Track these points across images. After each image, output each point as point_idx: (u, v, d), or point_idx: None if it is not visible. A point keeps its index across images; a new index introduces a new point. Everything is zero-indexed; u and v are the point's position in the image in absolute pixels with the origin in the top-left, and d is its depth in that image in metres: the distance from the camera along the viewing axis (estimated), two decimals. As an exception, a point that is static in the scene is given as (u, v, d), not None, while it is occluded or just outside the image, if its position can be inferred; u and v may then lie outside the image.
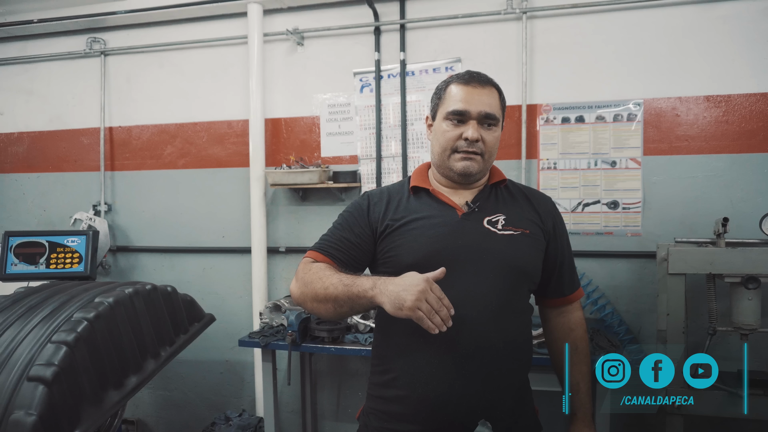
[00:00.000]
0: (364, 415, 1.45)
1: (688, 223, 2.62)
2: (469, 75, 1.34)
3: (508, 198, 1.40)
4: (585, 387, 1.36)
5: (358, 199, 1.46)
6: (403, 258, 1.30)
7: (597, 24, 2.72)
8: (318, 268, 1.29)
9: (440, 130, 1.34)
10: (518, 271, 1.32)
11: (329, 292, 1.21)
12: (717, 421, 2.63)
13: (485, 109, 1.29)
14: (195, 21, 3.24)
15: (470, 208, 1.35)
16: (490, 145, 1.32)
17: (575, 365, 1.37)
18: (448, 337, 1.24)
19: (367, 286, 1.15)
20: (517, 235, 1.33)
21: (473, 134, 1.27)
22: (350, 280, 1.20)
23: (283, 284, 3.18)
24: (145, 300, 2.18)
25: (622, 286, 2.73)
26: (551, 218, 1.41)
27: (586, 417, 1.32)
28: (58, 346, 1.75)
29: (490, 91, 1.32)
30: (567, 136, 2.77)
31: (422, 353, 1.28)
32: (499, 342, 1.28)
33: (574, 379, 1.36)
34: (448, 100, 1.33)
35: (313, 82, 3.11)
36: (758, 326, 2.29)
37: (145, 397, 3.46)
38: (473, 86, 1.31)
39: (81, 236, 2.94)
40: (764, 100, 2.54)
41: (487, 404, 1.26)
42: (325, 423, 3.20)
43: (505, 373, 1.31)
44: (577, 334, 1.41)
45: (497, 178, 1.42)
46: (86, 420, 1.80)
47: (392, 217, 1.36)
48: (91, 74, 3.42)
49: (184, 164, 3.32)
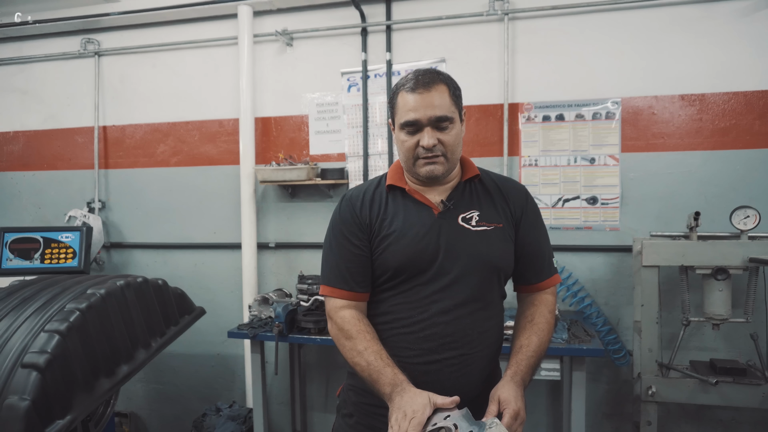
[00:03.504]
0: (344, 391, 1.53)
1: (664, 218, 2.71)
2: (414, 80, 1.32)
3: (482, 192, 1.45)
4: (526, 352, 1.34)
5: (341, 209, 1.44)
6: (388, 262, 1.36)
7: (576, 25, 2.80)
8: (349, 326, 1.35)
9: (399, 140, 1.37)
10: (491, 266, 1.38)
11: (356, 369, 1.33)
12: (690, 408, 2.72)
13: (435, 114, 1.30)
14: (187, 22, 3.31)
15: (445, 206, 1.39)
16: (450, 145, 1.33)
17: (525, 332, 1.39)
18: (427, 327, 1.34)
19: (386, 390, 1.25)
20: (491, 230, 1.39)
21: (428, 141, 1.30)
22: (376, 373, 1.27)
23: (273, 279, 3.25)
24: (137, 292, 2.25)
25: (601, 279, 2.81)
26: (521, 208, 1.45)
27: (516, 375, 1.29)
28: (51, 334, 1.82)
29: (439, 92, 1.31)
30: (548, 133, 2.85)
31: (402, 338, 1.36)
32: (473, 331, 1.36)
33: (519, 342, 1.38)
34: (400, 110, 1.35)
35: (302, 82, 3.19)
36: (729, 316, 2.38)
37: (138, 391, 3.53)
38: (420, 92, 1.30)
39: (75, 232, 3.01)
40: (736, 99, 2.63)
41: (460, 387, 1.33)
42: (314, 414, 3.27)
43: (477, 359, 1.38)
44: (538, 310, 1.43)
45: (470, 173, 1.45)
46: (78, 406, 1.87)
47: (375, 218, 1.40)
48: (85, 74, 3.50)
49: (176, 162, 3.39)
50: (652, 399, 2.38)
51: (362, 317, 1.38)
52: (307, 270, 3.04)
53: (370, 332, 1.34)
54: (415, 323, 1.35)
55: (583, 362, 2.30)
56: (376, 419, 1.39)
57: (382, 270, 1.38)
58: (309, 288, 2.81)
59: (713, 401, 2.36)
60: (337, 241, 1.42)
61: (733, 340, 2.65)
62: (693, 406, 2.70)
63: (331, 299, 1.41)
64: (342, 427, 1.51)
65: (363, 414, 1.44)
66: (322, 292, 1.44)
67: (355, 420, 1.46)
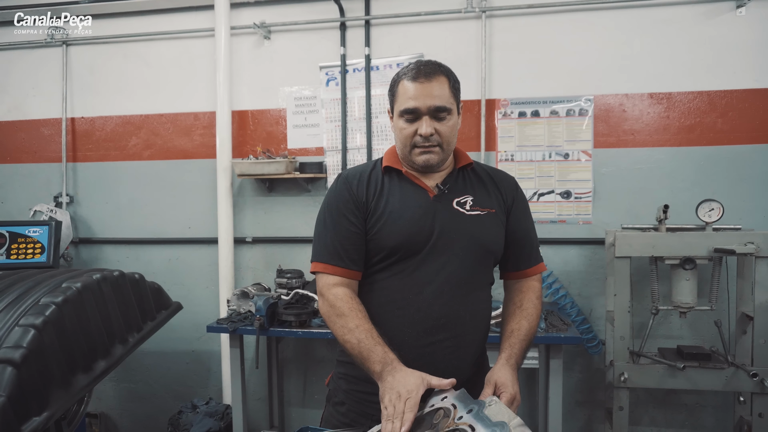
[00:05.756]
0: (333, 380, 1.53)
1: (634, 211, 2.81)
2: (416, 69, 1.36)
3: (474, 180, 1.50)
4: (518, 336, 1.38)
5: (337, 186, 1.45)
6: (384, 241, 1.38)
7: (551, 24, 2.88)
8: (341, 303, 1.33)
9: (398, 128, 1.41)
10: (484, 249, 1.43)
11: (346, 347, 1.31)
12: (658, 393, 2.84)
13: (435, 103, 1.33)
14: (161, 12, 3.24)
15: (440, 190, 1.43)
16: (446, 135, 1.37)
17: (515, 317, 1.44)
18: (422, 308, 1.36)
19: (376, 368, 1.23)
20: (484, 215, 1.43)
21: (426, 130, 1.34)
22: (367, 351, 1.25)
23: (250, 274, 3.22)
24: (113, 286, 2.20)
25: (574, 271, 2.90)
26: (512, 195, 1.50)
27: (510, 358, 1.33)
28: (26, 329, 1.76)
29: (439, 82, 1.35)
30: (523, 129, 2.92)
31: (396, 322, 1.38)
32: (465, 313, 1.40)
33: (510, 327, 1.42)
34: (400, 98, 1.38)
35: (280, 75, 3.17)
36: (695, 305, 2.50)
37: (109, 390, 3.44)
38: (421, 82, 1.33)
39: (43, 227, 2.91)
40: (700, 98, 2.76)
41: (453, 370, 1.35)
42: (291, 410, 3.25)
43: (469, 342, 1.42)
44: (526, 296, 1.48)
45: (464, 161, 1.50)
46: (55, 402, 1.81)
47: (372, 197, 1.42)
48: (52, 64, 3.38)
49: (149, 155, 3.32)
50: (624, 385, 2.48)
51: (354, 296, 1.38)
52: (285, 264, 3.03)
53: (362, 311, 1.33)
54: (410, 305, 1.36)
55: (560, 350, 2.38)
56: (369, 406, 1.40)
57: (377, 249, 1.38)
58: (288, 282, 2.80)
59: (680, 385, 2.47)
60: (332, 217, 1.42)
61: (698, 328, 2.78)
62: (660, 392, 2.82)
63: (323, 276, 1.40)
64: (333, 415, 1.51)
65: (355, 401, 1.45)
66: (313, 269, 1.42)
67: (346, 408, 1.47)
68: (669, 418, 2.85)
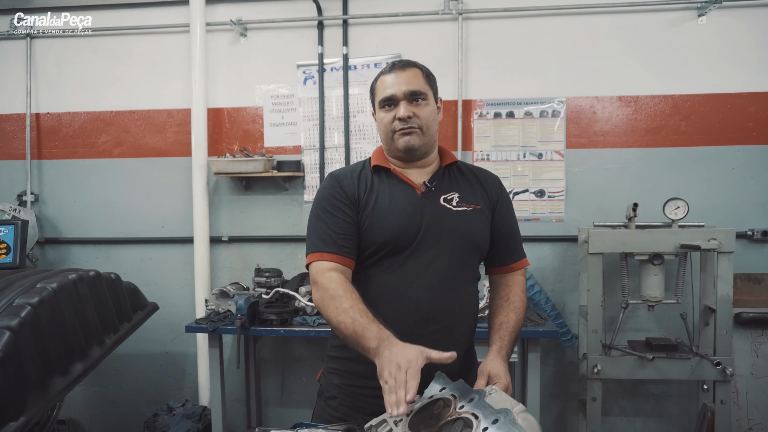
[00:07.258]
0: (324, 376, 1.55)
1: (604, 210, 2.92)
2: (391, 64, 1.46)
3: (460, 177, 1.55)
4: (507, 328, 1.43)
5: (327, 184, 1.49)
6: (375, 236, 1.41)
7: (526, 27, 2.96)
8: (334, 286, 1.32)
9: (379, 119, 1.48)
10: (471, 244, 1.48)
11: (340, 328, 1.29)
12: (627, 384, 2.96)
13: (409, 88, 1.42)
14: (133, 7, 3.17)
15: (428, 187, 1.48)
16: (425, 118, 1.44)
17: (503, 310, 1.49)
18: (412, 301, 1.40)
19: (372, 344, 1.20)
20: (470, 211, 1.48)
21: (404, 112, 1.41)
22: (361, 328, 1.23)
23: (226, 274, 3.18)
24: (90, 286, 2.14)
25: (548, 267, 2.99)
26: (496, 193, 1.56)
27: (501, 350, 1.38)
28: (1, 331, 1.70)
29: (413, 72, 1.44)
30: (499, 130, 2.99)
31: (387, 315, 1.39)
32: (454, 307, 1.44)
33: (499, 320, 1.47)
34: (378, 91, 1.47)
35: (257, 73, 3.14)
36: (662, 298, 2.62)
37: (77, 395, 3.33)
38: (395, 72, 1.43)
39: (9, 226, 2.80)
40: (665, 102, 2.89)
41: (443, 362, 1.38)
42: (269, 410, 3.23)
43: (458, 334, 1.46)
44: (512, 290, 1.53)
45: (449, 160, 1.56)
46: (32, 407, 1.76)
47: (363, 193, 1.46)
48: (15, 57, 3.25)
49: (120, 153, 3.23)
50: (597, 377, 2.57)
51: (348, 281, 1.38)
52: (262, 264, 3.00)
53: (355, 292, 1.33)
54: (400, 298, 1.39)
55: (538, 344, 2.45)
56: (361, 400, 1.43)
57: (367, 244, 1.42)
58: (267, 281, 2.78)
59: (649, 375, 2.58)
60: (325, 211, 1.44)
61: (664, 321, 2.91)
62: (630, 382, 2.94)
63: (317, 263, 1.40)
64: (325, 410, 1.52)
65: (347, 395, 1.47)
66: (307, 262, 1.44)
67: (338, 402, 1.48)
68: (637, 408, 2.97)
